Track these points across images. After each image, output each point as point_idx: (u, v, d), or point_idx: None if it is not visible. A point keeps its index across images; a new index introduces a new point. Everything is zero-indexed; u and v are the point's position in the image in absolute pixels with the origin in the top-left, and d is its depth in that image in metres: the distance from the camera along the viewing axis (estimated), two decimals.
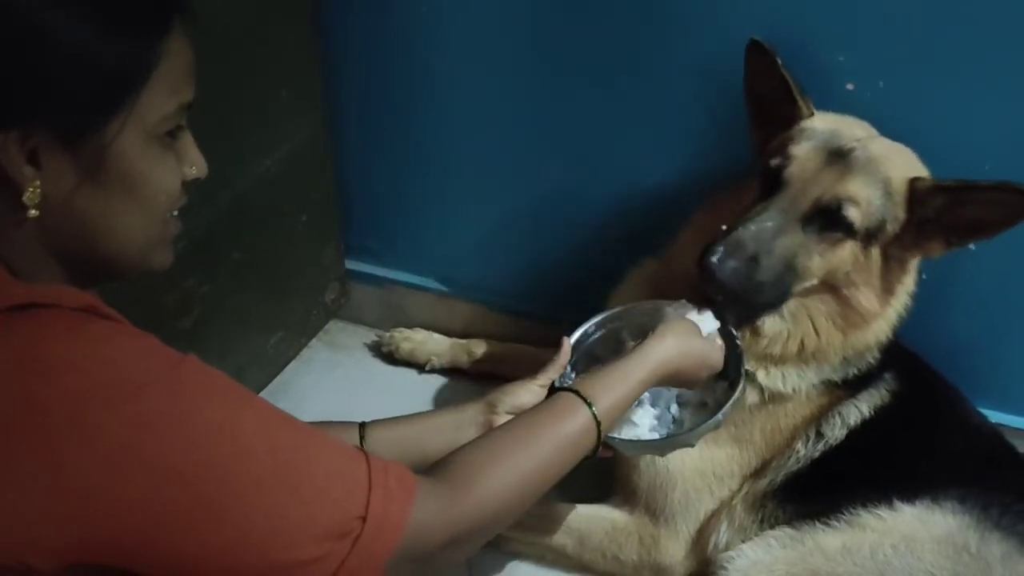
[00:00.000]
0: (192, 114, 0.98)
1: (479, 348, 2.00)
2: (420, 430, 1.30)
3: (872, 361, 1.50)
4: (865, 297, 1.42)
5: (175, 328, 1.64)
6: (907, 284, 1.47)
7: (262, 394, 1.95)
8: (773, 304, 1.42)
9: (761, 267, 1.35)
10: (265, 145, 1.77)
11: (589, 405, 1.15)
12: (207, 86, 1.00)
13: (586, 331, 1.47)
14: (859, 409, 1.51)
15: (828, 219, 1.37)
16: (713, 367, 1.34)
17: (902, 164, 1.42)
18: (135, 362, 0.87)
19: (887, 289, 1.44)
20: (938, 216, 1.38)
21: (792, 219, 1.37)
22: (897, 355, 1.54)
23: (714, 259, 1.32)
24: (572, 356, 1.43)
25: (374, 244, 2.11)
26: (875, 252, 1.41)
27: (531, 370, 1.35)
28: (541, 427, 1.11)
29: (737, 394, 1.35)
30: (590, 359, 1.46)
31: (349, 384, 2.02)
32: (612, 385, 1.20)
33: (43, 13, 0.84)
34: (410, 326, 2.08)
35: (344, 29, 1.84)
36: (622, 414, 1.22)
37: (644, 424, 1.41)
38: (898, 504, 1.43)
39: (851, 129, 1.45)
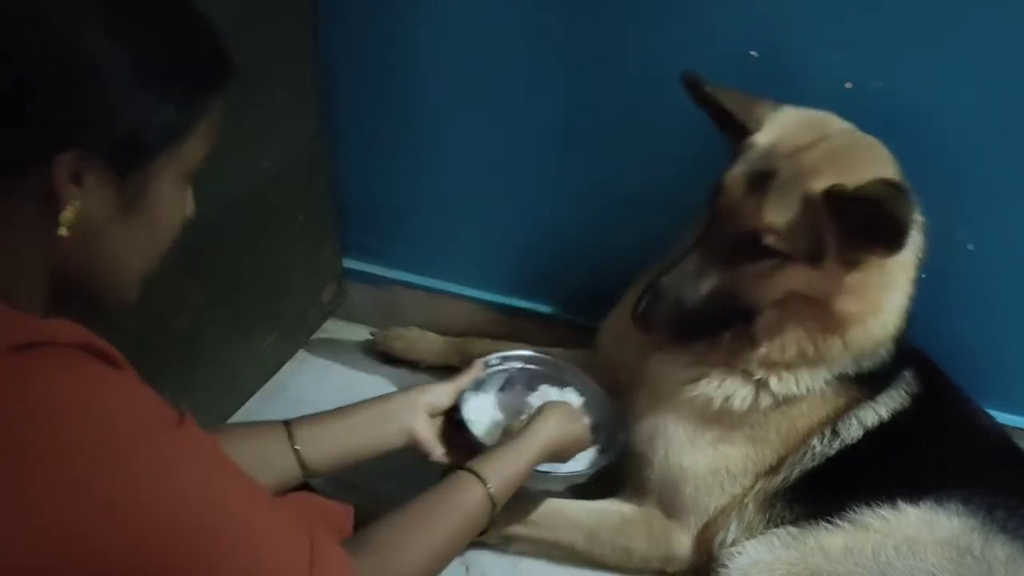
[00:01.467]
0: None
1: (473, 346, 1.99)
2: (347, 428, 1.38)
3: (887, 356, 1.48)
4: (843, 302, 1.40)
5: (170, 329, 1.64)
6: (896, 279, 1.44)
7: (258, 394, 1.95)
8: (737, 324, 1.44)
9: (689, 309, 1.40)
10: (261, 144, 1.76)
11: (487, 486, 1.27)
12: None
13: (511, 356, 1.67)
14: (876, 412, 1.50)
15: (756, 249, 1.36)
16: (583, 446, 1.52)
17: (836, 171, 1.34)
18: (131, 417, 0.89)
19: (866, 289, 1.40)
20: (866, 221, 1.31)
21: (717, 257, 1.38)
22: (912, 353, 1.53)
23: (639, 312, 1.43)
24: (485, 371, 1.61)
25: (371, 243, 2.10)
26: (830, 263, 1.36)
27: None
28: (448, 505, 1.23)
29: (604, 462, 1.55)
30: (506, 383, 1.65)
31: (345, 384, 2.01)
32: (506, 466, 1.33)
33: (126, 61, 0.88)
34: (407, 325, 2.08)
35: (341, 27, 1.83)
36: (513, 491, 1.34)
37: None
38: (903, 505, 1.43)
39: (796, 137, 1.39)
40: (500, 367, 1.65)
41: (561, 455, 1.47)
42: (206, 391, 1.79)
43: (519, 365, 1.67)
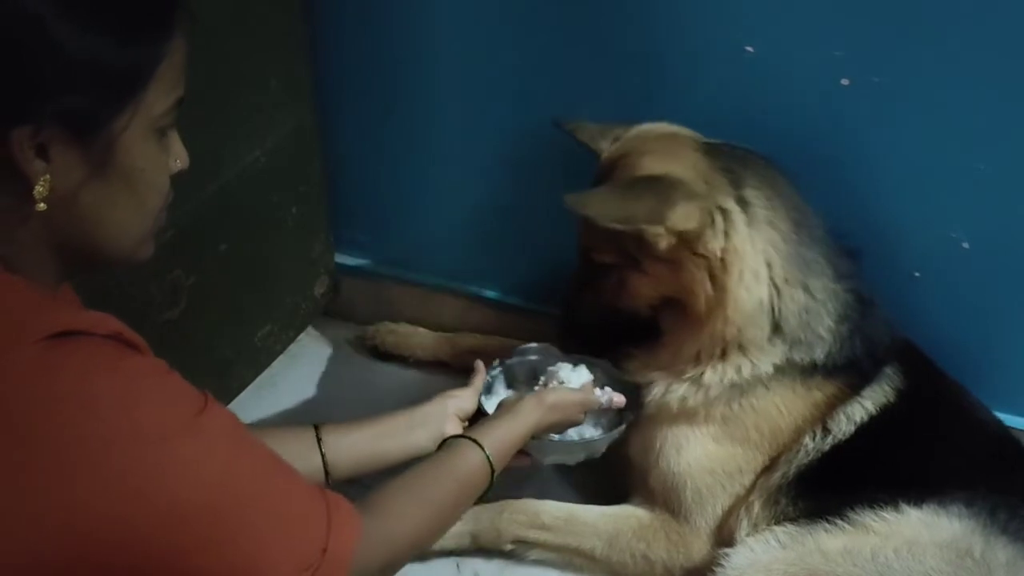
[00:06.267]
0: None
1: (464, 341, 1.99)
2: (374, 434, 1.43)
3: (828, 337, 1.47)
4: (695, 300, 1.44)
5: (161, 319, 1.62)
6: (741, 262, 1.43)
7: (250, 388, 1.94)
8: (640, 333, 1.53)
9: (585, 324, 1.56)
10: (253, 136, 1.75)
11: (484, 450, 1.33)
12: (195, 75, 1.00)
13: (525, 348, 1.69)
14: (864, 407, 1.50)
15: (595, 264, 1.46)
16: (589, 408, 1.55)
17: (628, 173, 1.45)
18: (163, 407, 0.93)
19: (703, 283, 1.43)
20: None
21: (583, 274, 1.49)
22: (896, 349, 1.53)
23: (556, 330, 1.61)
24: (498, 369, 1.66)
25: (364, 238, 2.09)
26: (651, 264, 1.43)
27: None
28: (447, 469, 1.30)
29: (624, 426, 1.55)
30: (512, 378, 1.67)
31: (337, 378, 2.01)
32: (501, 432, 1.39)
33: (52, 18, 0.85)
34: (398, 320, 2.08)
35: (334, 18, 1.83)
36: (511, 454, 1.41)
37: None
38: (904, 507, 1.41)
39: (622, 148, 1.50)
40: (526, 357, 1.68)
41: (557, 426, 1.51)
42: (197, 384, 1.78)
43: (522, 359, 1.69)
